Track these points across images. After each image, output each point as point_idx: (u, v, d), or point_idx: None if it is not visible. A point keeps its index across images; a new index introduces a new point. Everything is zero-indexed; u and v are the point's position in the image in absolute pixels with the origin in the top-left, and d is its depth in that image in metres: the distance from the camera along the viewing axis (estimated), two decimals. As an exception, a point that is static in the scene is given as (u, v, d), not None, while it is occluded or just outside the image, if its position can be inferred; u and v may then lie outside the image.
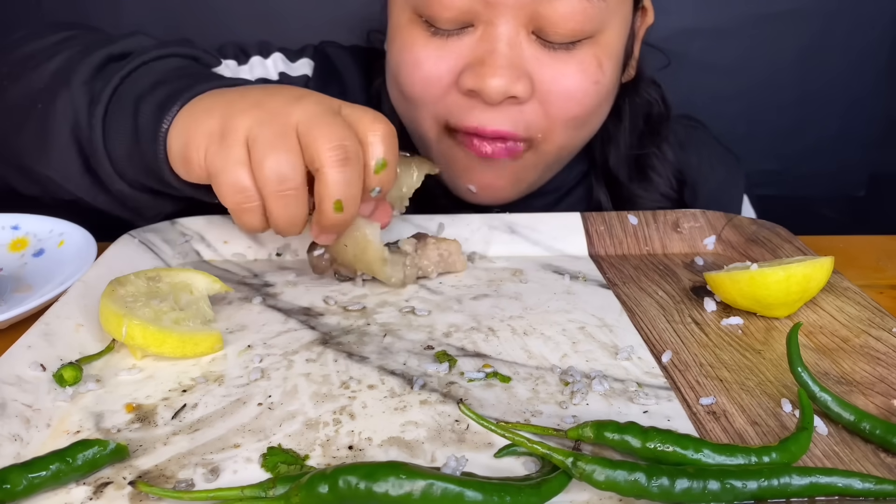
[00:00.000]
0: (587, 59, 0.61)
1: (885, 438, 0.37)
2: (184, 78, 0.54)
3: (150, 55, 0.56)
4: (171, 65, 0.56)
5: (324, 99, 0.48)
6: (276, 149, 0.45)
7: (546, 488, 0.33)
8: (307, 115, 0.46)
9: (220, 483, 0.35)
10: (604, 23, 0.60)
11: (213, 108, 0.49)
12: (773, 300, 0.49)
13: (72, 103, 0.55)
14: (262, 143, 0.45)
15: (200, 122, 0.48)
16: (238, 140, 0.46)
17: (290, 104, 0.46)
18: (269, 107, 0.47)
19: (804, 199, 1.19)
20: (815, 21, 1.09)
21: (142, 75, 0.54)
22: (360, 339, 0.48)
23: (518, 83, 0.59)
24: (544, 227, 0.64)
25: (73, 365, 0.42)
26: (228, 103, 0.48)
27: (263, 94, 0.48)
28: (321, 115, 0.46)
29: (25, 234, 0.64)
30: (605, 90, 0.64)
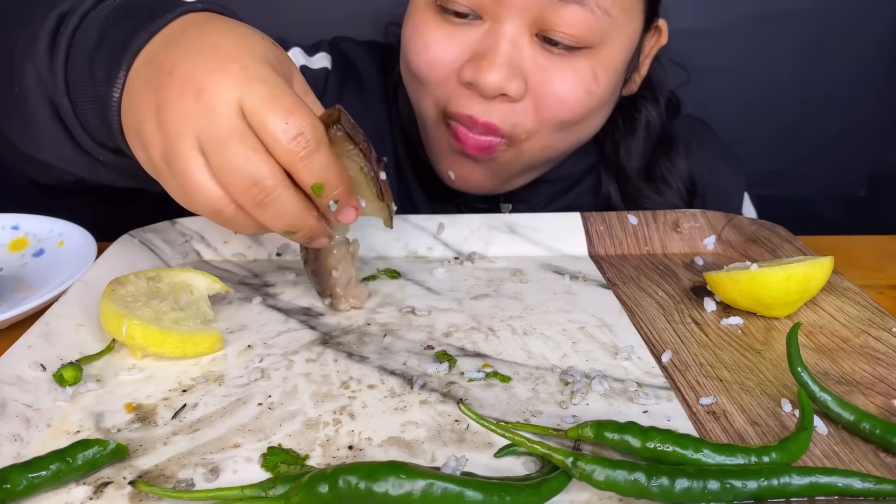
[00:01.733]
0: (584, 67, 0.62)
1: (885, 438, 0.37)
2: (123, 20, 0.48)
3: (88, 3, 0.49)
4: (111, 6, 0.49)
5: (224, 84, 0.41)
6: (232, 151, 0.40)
7: (546, 488, 0.33)
8: (203, 135, 0.41)
9: (220, 483, 0.35)
10: (606, 36, 0.62)
11: (149, 81, 0.43)
12: (773, 300, 0.49)
13: (39, 77, 0.50)
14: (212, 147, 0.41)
15: (141, 108, 0.43)
16: (162, 169, 0.43)
17: (184, 117, 0.41)
18: (167, 122, 0.42)
19: (804, 199, 1.18)
20: (815, 21, 1.09)
21: (87, 30, 0.48)
22: (360, 339, 0.48)
23: (512, 82, 0.60)
24: (544, 227, 0.64)
25: (73, 365, 0.42)
26: (162, 77, 0.43)
27: (190, 64, 0.42)
28: (219, 142, 0.40)
29: (25, 234, 0.64)
30: (596, 100, 0.64)
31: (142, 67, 0.45)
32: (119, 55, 0.46)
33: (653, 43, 0.71)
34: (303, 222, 0.44)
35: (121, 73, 0.45)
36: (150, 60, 0.45)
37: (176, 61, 0.42)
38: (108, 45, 0.47)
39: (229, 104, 0.40)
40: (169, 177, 0.43)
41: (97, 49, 0.48)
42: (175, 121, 0.41)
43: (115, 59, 0.46)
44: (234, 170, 0.40)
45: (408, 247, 0.63)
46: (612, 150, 0.77)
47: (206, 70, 0.41)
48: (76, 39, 0.49)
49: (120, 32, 0.47)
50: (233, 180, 0.41)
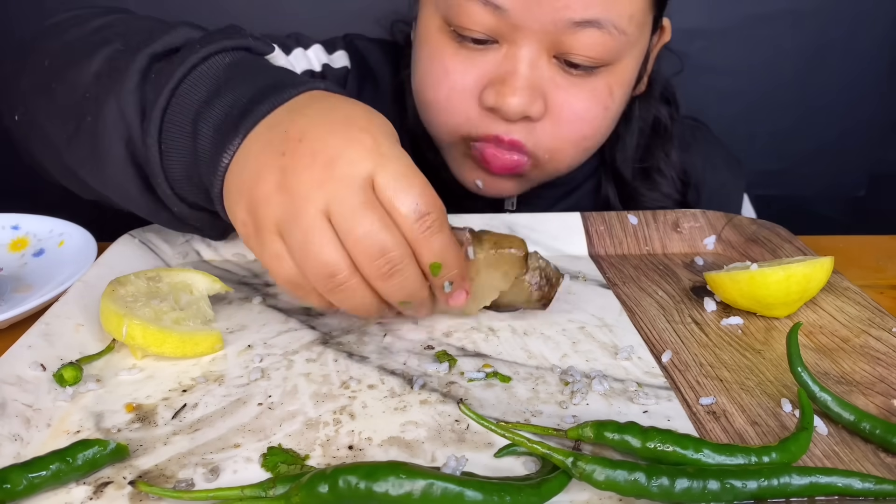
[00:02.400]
0: (600, 86, 0.64)
1: (885, 438, 0.37)
2: (240, 84, 0.48)
3: (198, 56, 0.48)
4: (222, 63, 0.49)
5: (359, 156, 0.41)
6: (365, 220, 0.41)
7: (546, 488, 0.33)
8: (335, 203, 0.41)
9: (220, 483, 0.35)
10: (622, 54, 0.63)
11: (271, 144, 0.43)
12: (773, 300, 0.49)
13: (123, 117, 0.49)
14: (296, 239, 0.41)
15: (258, 170, 0.43)
16: (270, 232, 0.42)
17: (316, 183, 0.41)
18: (294, 186, 0.41)
19: (804, 199, 1.19)
20: (815, 21, 1.09)
21: (194, 85, 0.48)
22: (360, 338, 0.48)
23: (534, 104, 0.62)
24: (544, 227, 0.64)
25: (73, 365, 0.42)
26: (290, 142, 0.43)
27: (293, 157, 0.42)
28: (353, 210, 0.41)
29: (25, 234, 0.64)
30: (613, 114, 0.67)
31: (263, 133, 0.44)
32: (236, 122, 0.45)
33: (657, 41, 0.72)
34: (420, 295, 0.44)
35: (237, 140, 0.45)
36: (273, 126, 0.44)
37: (305, 129, 0.43)
38: (221, 108, 0.47)
39: (363, 176, 0.41)
40: (273, 241, 0.42)
41: (207, 107, 0.47)
42: (303, 186, 0.41)
43: (229, 125, 0.46)
44: (365, 239, 0.41)
45: (408, 247, 0.63)
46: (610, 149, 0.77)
47: (339, 140, 0.42)
48: (180, 91, 0.48)
49: (236, 97, 0.47)
50: (362, 248, 0.41)
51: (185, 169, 0.49)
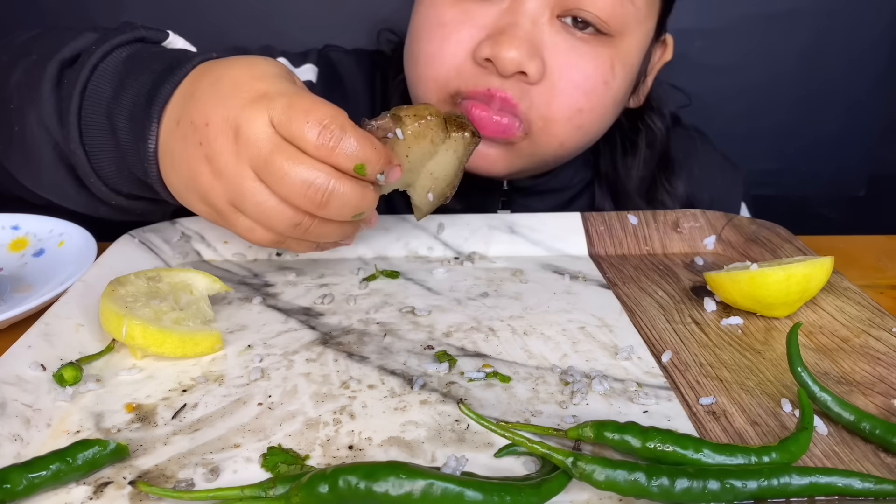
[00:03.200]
0: (602, 56, 0.62)
1: (885, 438, 0.37)
2: (137, 73, 0.51)
3: (96, 56, 0.52)
4: (119, 58, 0.52)
5: (253, 113, 0.44)
6: (279, 166, 0.43)
7: (546, 488, 0.33)
8: (256, 166, 0.44)
9: (220, 483, 0.35)
10: (627, 27, 0.62)
11: (187, 138, 0.46)
12: (773, 300, 0.49)
13: (43, 123, 0.53)
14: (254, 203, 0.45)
15: (190, 166, 0.46)
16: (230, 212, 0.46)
17: (234, 157, 0.44)
18: (223, 168, 0.45)
19: (804, 199, 1.19)
20: (815, 21, 1.09)
21: (100, 83, 0.51)
22: (360, 339, 0.48)
23: (532, 61, 0.59)
24: (544, 227, 0.64)
25: (73, 365, 0.42)
26: (199, 131, 0.46)
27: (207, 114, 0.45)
28: (267, 164, 0.43)
29: (25, 234, 0.63)
30: (611, 95, 0.64)
31: (174, 129, 0.47)
32: (146, 109, 0.49)
33: (659, 56, 0.71)
34: (364, 202, 0.46)
35: (153, 125, 0.48)
36: (179, 120, 0.47)
37: (206, 112, 0.45)
38: (129, 99, 0.50)
39: (263, 127, 0.43)
40: (237, 218, 0.47)
41: (116, 101, 0.50)
42: (229, 164, 0.44)
43: (140, 113, 0.49)
44: (288, 181, 0.43)
45: (408, 247, 0.63)
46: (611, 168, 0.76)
47: (235, 108, 0.44)
48: (88, 92, 0.51)
49: (139, 87, 0.50)
50: (290, 191, 0.43)
51: (114, 163, 0.52)
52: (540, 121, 0.62)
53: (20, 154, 0.55)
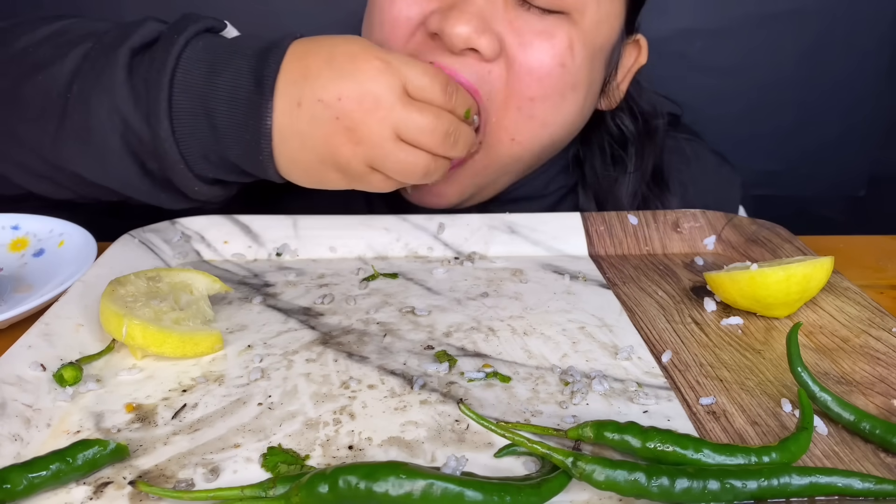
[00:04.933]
0: (559, 34, 0.59)
1: (885, 438, 0.37)
2: (230, 58, 0.52)
3: (179, 43, 0.52)
4: (197, 47, 0.53)
5: (386, 81, 0.50)
6: (424, 122, 0.51)
7: (546, 488, 0.33)
8: (399, 128, 0.50)
9: (220, 483, 0.35)
10: (583, 2, 0.59)
11: (318, 117, 0.50)
12: (773, 300, 0.49)
13: (117, 111, 0.53)
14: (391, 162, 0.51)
15: (326, 141, 0.51)
16: (367, 174, 0.52)
17: (378, 122, 0.50)
18: (366, 135, 0.50)
19: (804, 199, 1.19)
20: (815, 21, 1.09)
21: (188, 70, 0.52)
22: (360, 339, 0.48)
23: (483, 36, 0.56)
24: (544, 227, 0.64)
25: (73, 365, 0.42)
26: (334, 107, 0.50)
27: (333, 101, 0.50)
28: (411, 117, 0.50)
29: (25, 234, 0.63)
30: (570, 79, 0.60)
31: (296, 111, 0.51)
32: (256, 89, 0.51)
33: (633, 58, 0.69)
34: (473, 138, 0.56)
35: (268, 103, 0.51)
36: (301, 102, 0.51)
37: (334, 89, 0.50)
38: (226, 82, 0.52)
39: (399, 93, 0.50)
40: (373, 177, 0.53)
41: (210, 87, 0.52)
42: (373, 131, 0.50)
43: (245, 94, 0.51)
44: (432, 133, 0.51)
45: (408, 247, 0.63)
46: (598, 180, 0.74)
47: (367, 80, 0.50)
48: (177, 79, 0.52)
49: (233, 70, 0.52)
50: (433, 141, 0.51)
51: (202, 149, 0.53)
52: (494, 113, 0.59)
53: (78, 143, 0.54)
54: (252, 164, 0.54)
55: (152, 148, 0.53)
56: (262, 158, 0.52)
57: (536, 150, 0.64)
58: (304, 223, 0.63)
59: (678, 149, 0.79)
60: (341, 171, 0.53)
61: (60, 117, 0.54)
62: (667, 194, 0.75)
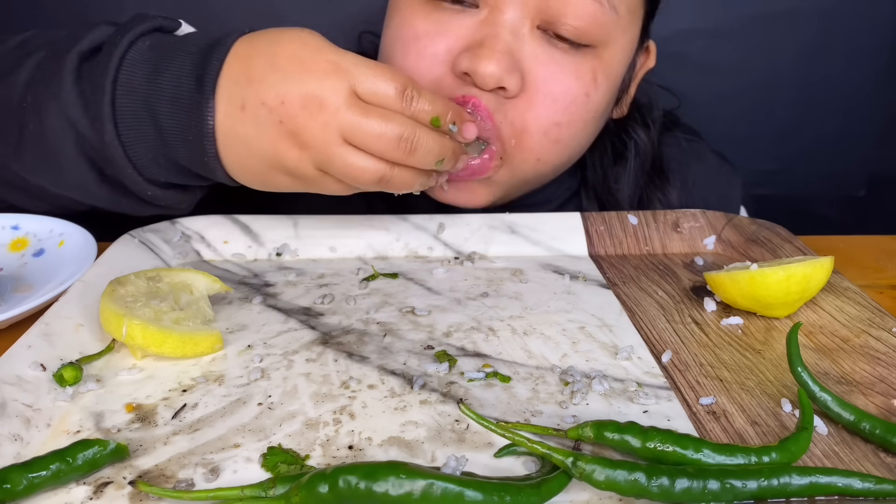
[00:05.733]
0: (584, 67, 0.60)
1: (885, 438, 0.37)
2: (172, 57, 0.51)
3: (122, 45, 0.52)
4: (144, 47, 0.52)
5: (332, 84, 0.48)
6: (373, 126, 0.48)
7: (546, 488, 0.33)
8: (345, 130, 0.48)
9: (220, 483, 0.35)
10: (610, 36, 0.60)
11: (261, 120, 0.49)
12: (773, 300, 0.49)
13: (66, 117, 0.52)
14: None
15: (271, 145, 0.49)
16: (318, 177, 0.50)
17: (321, 126, 0.48)
18: (310, 139, 0.48)
19: (804, 199, 1.18)
20: (814, 21, 1.09)
21: (132, 71, 0.51)
22: (360, 339, 0.48)
23: (512, 76, 0.57)
24: (544, 227, 0.64)
25: (73, 365, 0.42)
26: (276, 110, 0.48)
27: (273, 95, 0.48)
28: (357, 121, 0.48)
29: (25, 234, 0.63)
30: (593, 107, 0.62)
31: (240, 114, 0.49)
32: (197, 88, 0.50)
33: (641, 63, 0.69)
34: (445, 148, 0.51)
35: (209, 103, 0.49)
36: (244, 105, 0.49)
37: (277, 92, 0.48)
38: (168, 82, 0.51)
39: (347, 95, 0.48)
40: (325, 181, 0.51)
41: (153, 87, 0.51)
42: (317, 135, 0.48)
43: (187, 94, 0.50)
44: (381, 137, 0.48)
45: (408, 247, 0.63)
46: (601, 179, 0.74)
47: (312, 82, 0.48)
48: (120, 82, 0.51)
49: (175, 69, 0.51)
50: (384, 146, 0.48)
51: (150, 152, 0.52)
52: (514, 137, 0.60)
53: (36, 153, 0.54)
54: (200, 166, 0.52)
55: (102, 154, 0.52)
56: (207, 160, 0.51)
57: (558, 167, 0.66)
58: (304, 223, 0.63)
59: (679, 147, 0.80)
60: (290, 174, 0.51)
61: (20, 128, 0.54)
62: (668, 187, 0.75)
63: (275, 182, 0.52)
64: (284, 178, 0.51)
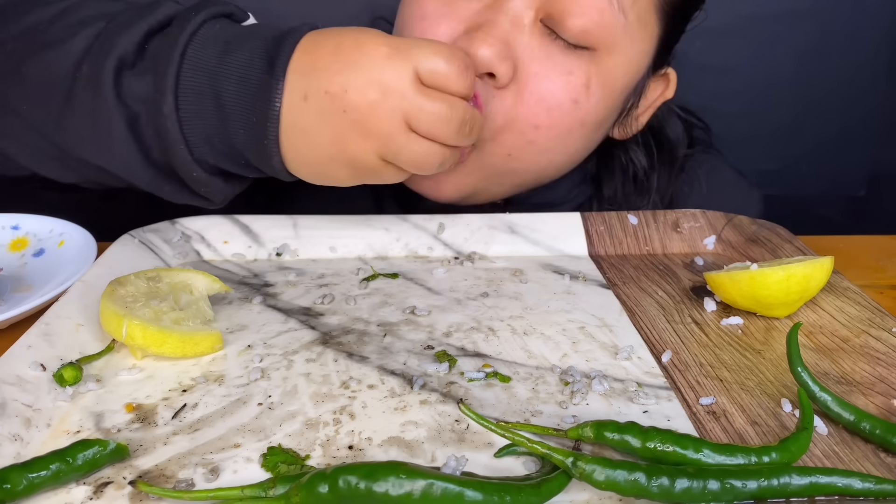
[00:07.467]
0: (578, 71, 0.58)
1: (885, 438, 0.37)
2: (245, 40, 0.50)
3: (195, 21, 0.51)
4: (214, 28, 0.51)
5: (395, 69, 0.48)
6: (438, 111, 0.48)
7: (546, 488, 0.33)
8: (410, 118, 0.48)
9: (220, 483, 0.35)
10: (613, 41, 0.58)
11: (324, 111, 0.48)
12: (773, 300, 0.49)
13: (126, 90, 0.50)
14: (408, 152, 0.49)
15: (334, 136, 0.49)
16: (381, 167, 0.50)
17: (387, 114, 0.48)
18: (376, 128, 0.48)
19: (804, 199, 1.18)
20: (815, 21, 1.09)
21: (202, 47, 0.50)
22: (360, 339, 0.48)
23: (503, 63, 0.56)
24: (544, 227, 0.64)
25: (73, 365, 0.42)
26: (340, 99, 0.48)
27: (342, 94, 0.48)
28: (423, 105, 0.48)
29: (25, 234, 0.64)
30: (580, 115, 0.59)
31: (303, 104, 0.48)
32: (268, 70, 0.49)
33: (659, 92, 0.68)
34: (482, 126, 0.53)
35: (279, 84, 0.48)
36: (307, 95, 0.48)
37: (340, 80, 0.48)
38: (238, 62, 0.49)
39: (410, 80, 0.47)
40: (386, 170, 0.51)
41: (221, 65, 0.50)
42: (382, 122, 0.48)
43: (256, 75, 0.49)
44: (446, 124, 0.48)
45: (408, 247, 0.63)
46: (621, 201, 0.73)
47: (371, 69, 0.47)
48: (188, 56, 0.50)
49: (248, 51, 0.50)
50: (448, 132, 0.49)
51: (205, 131, 0.51)
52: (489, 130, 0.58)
53: (83, 125, 0.52)
54: (256, 151, 0.50)
55: (155, 125, 0.50)
56: (266, 143, 0.49)
57: (533, 170, 0.64)
58: (304, 223, 0.63)
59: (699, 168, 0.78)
60: (352, 166, 0.50)
61: (67, 97, 0.51)
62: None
63: (332, 174, 0.52)
64: (344, 169, 0.51)
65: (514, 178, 0.64)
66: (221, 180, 0.55)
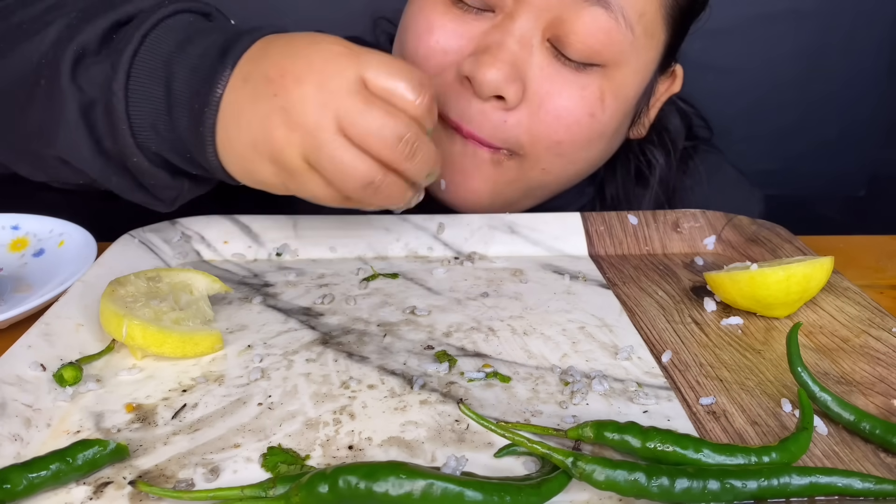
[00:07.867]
0: (591, 86, 0.58)
1: (885, 438, 0.37)
2: (209, 33, 0.50)
3: (162, 12, 0.50)
4: (186, 20, 0.51)
5: (340, 66, 0.45)
6: (375, 118, 0.45)
7: (546, 488, 0.33)
8: (343, 117, 0.44)
9: (220, 483, 0.35)
10: (623, 56, 0.58)
11: (258, 93, 0.46)
12: (773, 300, 0.49)
13: (84, 75, 0.50)
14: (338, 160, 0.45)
15: (261, 121, 0.46)
16: (303, 170, 0.46)
17: (318, 107, 0.45)
18: (302, 118, 0.45)
19: (804, 199, 1.18)
20: (815, 21, 1.09)
21: (164, 34, 0.49)
22: (360, 339, 0.48)
23: (511, 85, 0.56)
24: (544, 227, 0.64)
25: (73, 365, 0.42)
26: (274, 83, 0.46)
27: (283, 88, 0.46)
28: (357, 108, 0.44)
29: (25, 234, 0.64)
30: (599, 127, 0.60)
31: (241, 87, 0.47)
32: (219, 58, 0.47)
33: (665, 87, 0.68)
34: (437, 162, 0.48)
35: (225, 71, 0.47)
36: (248, 77, 0.46)
37: (282, 65, 0.45)
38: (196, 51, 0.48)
39: (354, 80, 0.44)
40: (310, 177, 0.46)
41: (179, 52, 0.49)
42: (309, 113, 0.44)
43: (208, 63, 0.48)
44: (381, 133, 0.44)
45: (408, 247, 0.63)
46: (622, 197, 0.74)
47: (316, 60, 0.45)
48: (149, 39, 0.49)
49: (208, 42, 0.49)
50: (382, 143, 0.44)
51: (151, 116, 0.49)
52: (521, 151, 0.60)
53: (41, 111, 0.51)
54: (195, 140, 0.49)
55: (104, 102, 0.49)
56: (202, 130, 0.48)
57: (563, 180, 0.65)
58: (304, 223, 0.63)
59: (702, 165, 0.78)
60: (275, 163, 0.47)
61: (32, 87, 0.51)
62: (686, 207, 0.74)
63: (256, 170, 0.48)
64: (268, 166, 0.47)
65: (545, 191, 0.66)
66: (168, 175, 0.53)
